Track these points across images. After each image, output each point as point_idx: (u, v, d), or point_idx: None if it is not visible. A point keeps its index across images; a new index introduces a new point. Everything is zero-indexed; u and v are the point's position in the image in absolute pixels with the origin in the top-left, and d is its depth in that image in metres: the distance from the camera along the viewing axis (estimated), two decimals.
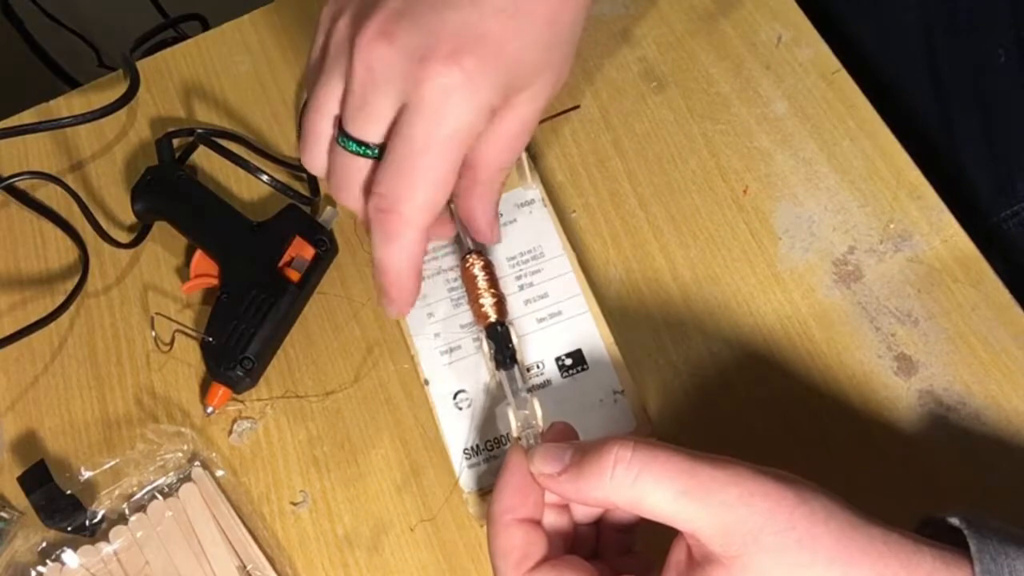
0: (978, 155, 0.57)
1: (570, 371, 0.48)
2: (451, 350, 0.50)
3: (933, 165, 0.54)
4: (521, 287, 0.51)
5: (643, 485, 0.36)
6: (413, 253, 0.42)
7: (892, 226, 0.53)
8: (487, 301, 0.47)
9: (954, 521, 0.37)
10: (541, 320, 0.50)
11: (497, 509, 0.39)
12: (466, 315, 0.50)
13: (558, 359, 0.49)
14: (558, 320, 0.50)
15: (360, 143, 0.41)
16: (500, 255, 0.52)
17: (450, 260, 0.52)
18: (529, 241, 0.52)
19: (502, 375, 0.46)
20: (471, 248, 0.48)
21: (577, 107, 0.58)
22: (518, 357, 0.47)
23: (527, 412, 0.44)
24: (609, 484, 0.37)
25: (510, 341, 0.45)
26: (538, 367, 0.49)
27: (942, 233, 0.52)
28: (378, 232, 0.42)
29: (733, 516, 0.35)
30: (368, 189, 0.41)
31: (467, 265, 0.48)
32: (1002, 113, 0.56)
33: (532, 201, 0.53)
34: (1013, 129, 0.56)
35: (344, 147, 0.41)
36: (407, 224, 0.41)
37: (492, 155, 0.43)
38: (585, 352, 0.49)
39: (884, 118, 0.55)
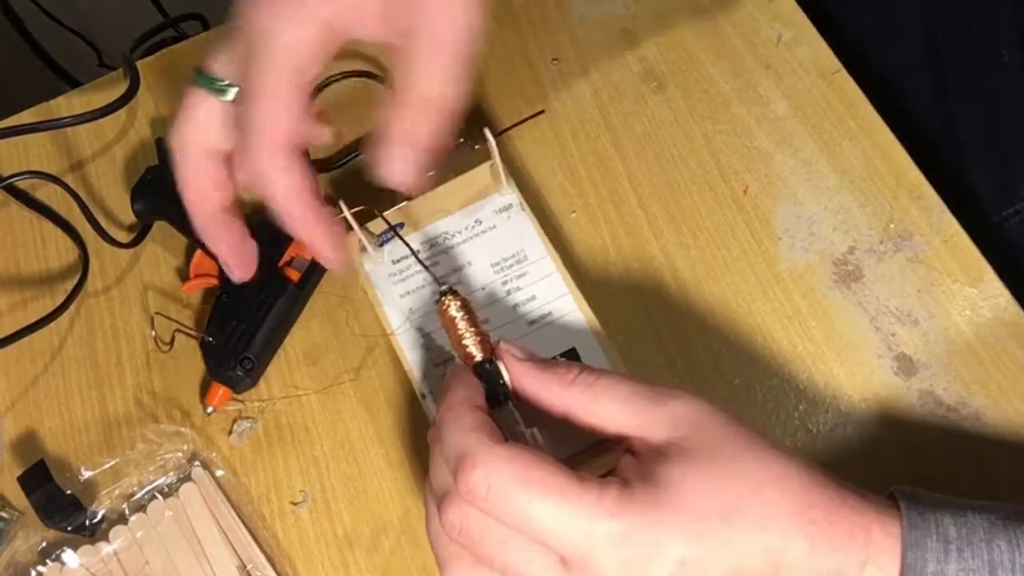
0: (978, 155, 0.57)
1: None
2: (445, 361, 0.49)
3: (933, 165, 0.54)
4: (508, 292, 0.50)
5: (599, 387, 0.40)
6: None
7: (892, 226, 0.53)
8: (470, 341, 0.45)
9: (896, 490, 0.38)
10: (532, 323, 0.49)
11: (450, 400, 0.41)
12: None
13: (553, 360, 0.48)
14: (549, 321, 0.49)
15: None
16: (483, 262, 0.51)
17: (434, 271, 0.51)
18: (511, 246, 0.51)
19: (497, 414, 0.43)
20: (444, 289, 0.46)
21: (542, 111, 0.58)
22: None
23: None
24: (570, 385, 0.40)
25: (500, 378, 0.43)
26: None
27: (942, 233, 0.52)
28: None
29: (681, 406, 0.38)
30: None
31: (443, 308, 0.46)
32: (1003, 113, 0.56)
33: (510, 206, 0.52)
34: (1014, 129, 0.56)
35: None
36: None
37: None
38: (579, 350, 0.48)
39: (884, 118, 0.55)
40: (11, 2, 1.18)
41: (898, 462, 0.47)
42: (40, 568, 0.49)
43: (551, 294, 0.50)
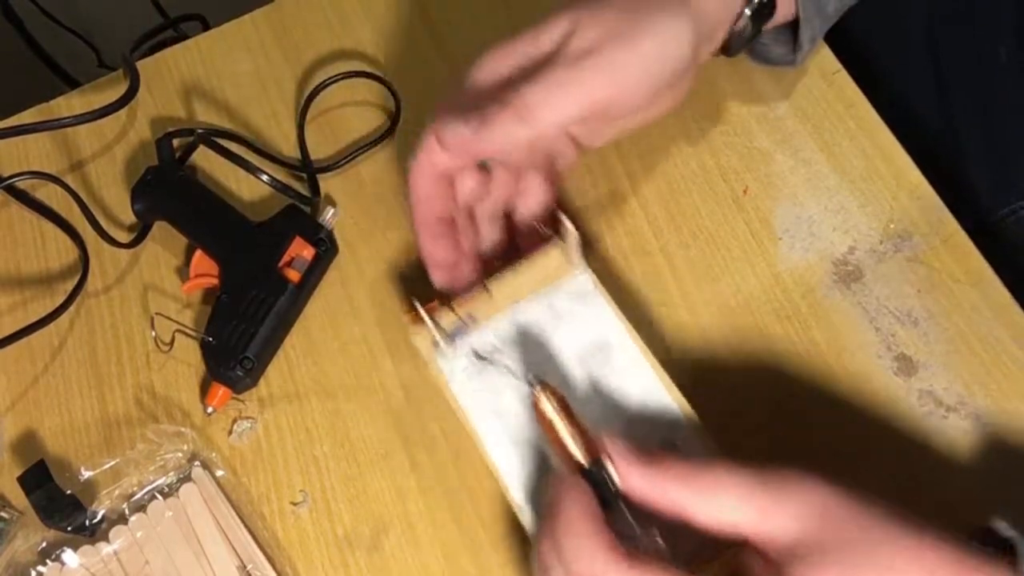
0: (978, 155, 0.57)
1: None
2: (543, 461, 0.46)
3: (933, 165, 0.54)
4: (592, 383, 0.47)
5: (713, 483, 0.38)
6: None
7: (892, 226, 0.53)
8: (572, 443, 0.42)
9: (1001, 527, 0.38)
10: (621, 415, 0.46)
11: None
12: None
13: (658, 452, 0.43)
14: (640, 412, 0.46)
15: None
16: (563, 352, 0.48)
17: (512, 366, 0.49)
18: (591, 332, 0.49)
19: (608, 516, 0.40)
20: (535, 380, 0.44)
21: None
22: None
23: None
24: (682, 484, 0.38)
25: (611, 483, 0.40)
26: None
27: (942, 233, 0.52)
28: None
29: (803, 495, 0.37)
30: None
31: (538, 405, 0.43)
32: (1002, 113, 0.56)
33: (586, 290, 0.50)
34: (1012, 129, 0.56)
35: None
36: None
37: None
38: (676, 441, 0.46)
39: (883, 118, 0.56)
40: (11, 2, 1.18)
41: (898, 462, 0.47)
42: (40, 568, 0.49)
43: (639, 383, 0.47)
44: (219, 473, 0.51)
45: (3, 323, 0.57)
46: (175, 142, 0.59)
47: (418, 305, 0.48)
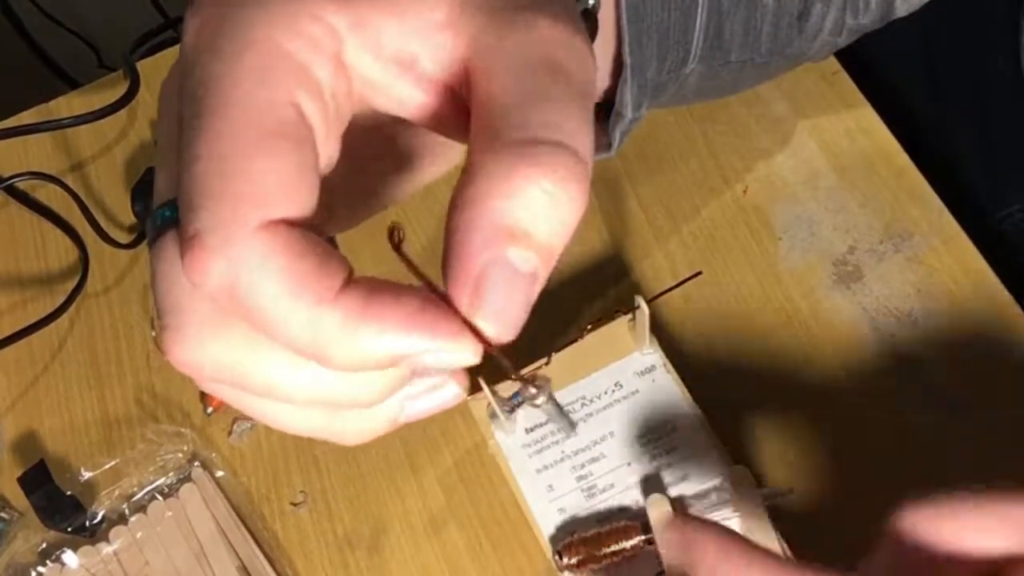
0: (977, 155, 0.57)
1: None
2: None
3: (933, 165, 0.54)
4: (657, 468, 0.46)
5: None
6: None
7: (892, 226, 0.53)
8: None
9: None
10: (712, 508, 0.44)
11: None
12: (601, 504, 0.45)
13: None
14: (706, 505, 0.44)
15: None
16: (627, 433, 0.46)
17: (574, 443, 0.46)
18: (657, 413, 0.47)
19: None
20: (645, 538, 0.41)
21: (699, 273, 0.52)
22: None
23: None
24: None
25: None
26: None
27: (942, 233, 0.52)
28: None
29: None
30: None
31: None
32: (1000, 112, 0.56)
33: (652, 368, 0.48)
34: (1010, 129, 0.56)
35: None
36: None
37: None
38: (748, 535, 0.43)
39: (884, 118, 0.56)
40: (11, 3, 1.18)
41: (898, 462, 0.47)
42: (40, 569, 0.49)
43: (708, 470, 0.45)
44: (219, 473, 0.51)
45: (3, 323, 0.57)
46: None
47: (481, 380, 0.44)
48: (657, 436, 0.46)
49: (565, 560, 0.43)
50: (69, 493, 0.49)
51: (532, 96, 0.21)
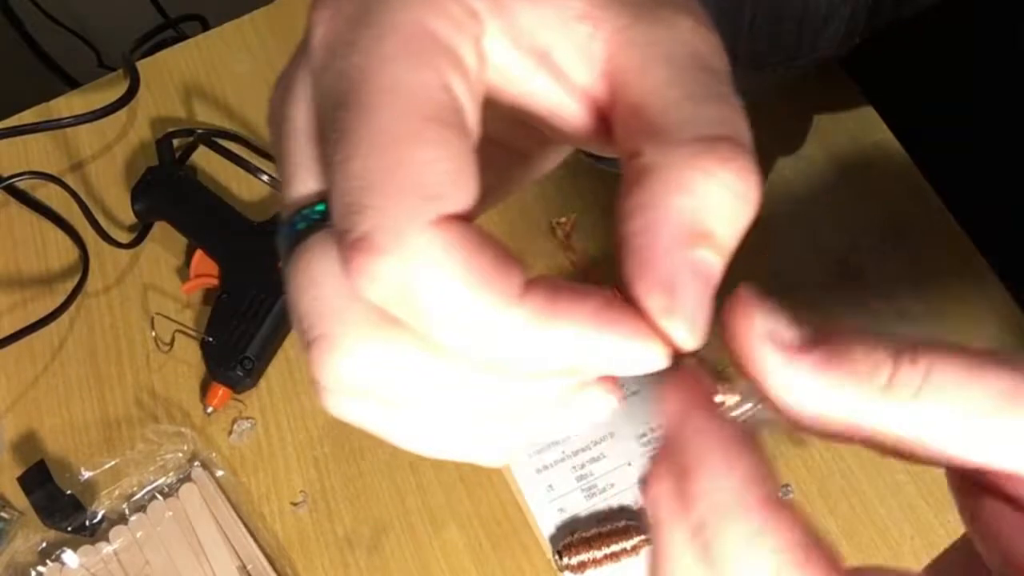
0: (976, 155, 0.57)
1: None
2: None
3: (932, 165, 0.54)
4: None
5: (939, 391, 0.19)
6: None
7: (892, 225, 0.53)
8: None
9: None
10: None
11: None
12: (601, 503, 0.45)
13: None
14: None
15: None
16: (628, 432, 0.46)
17: (574, 443, 0.46)
18: (657, 415, 0.46)
19: None
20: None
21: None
22: None
23: None
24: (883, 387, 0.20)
25: None
26: None
27: (942, 232, 0.52)
28: None
29: None
30: None
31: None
32: (998, 113, 0.56)
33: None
34: (1009, 128, 0.56)
35: None
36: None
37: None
38: None
39: (884, 118, 0.56)
40: (10, 2, 1.18)
41: (898, 463, 0.47)
42: (40, 568, 0.49)
43: None
44: (219, 473, 0.51)
45: (3, 323, 0.57)
46: (175, 142, 0.59)
47: None
48: (658, 436, 0.46)
49: (565, 560, 0.43)
50: (69, 493, 0.49)
51: (695, 93, 0.20)
